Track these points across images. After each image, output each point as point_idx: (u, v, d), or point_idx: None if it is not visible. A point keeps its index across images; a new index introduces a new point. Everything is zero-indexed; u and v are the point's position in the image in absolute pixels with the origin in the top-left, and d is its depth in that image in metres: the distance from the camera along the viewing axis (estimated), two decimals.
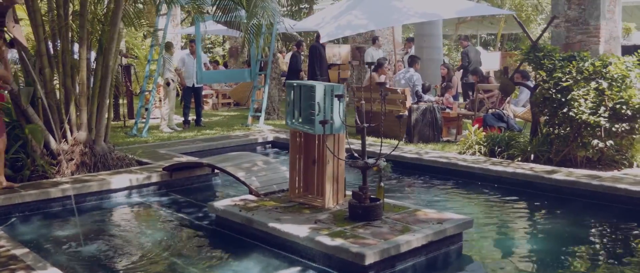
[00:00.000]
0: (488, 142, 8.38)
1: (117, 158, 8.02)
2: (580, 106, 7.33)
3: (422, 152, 8.76)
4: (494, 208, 6.81)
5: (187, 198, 7.25)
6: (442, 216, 5.39)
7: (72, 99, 7.65)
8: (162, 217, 6.59)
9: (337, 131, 5.60)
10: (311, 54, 12.06)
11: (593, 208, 6.53)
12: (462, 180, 7.78)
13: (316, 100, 5.49)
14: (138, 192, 7.33)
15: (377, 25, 11.15)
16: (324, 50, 12.26)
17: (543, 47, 7.91)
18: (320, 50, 12.00)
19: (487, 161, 7.97)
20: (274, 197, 6.15)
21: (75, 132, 7.74)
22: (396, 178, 8.20)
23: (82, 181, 7.06)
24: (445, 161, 8.11)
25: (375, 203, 5.29)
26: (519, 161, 7.86)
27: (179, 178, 7.64)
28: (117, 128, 12.21)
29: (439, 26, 12.67)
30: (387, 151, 8.75)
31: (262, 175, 6.56)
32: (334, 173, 5.74)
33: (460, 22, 23.23)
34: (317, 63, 12.09)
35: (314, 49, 11.96)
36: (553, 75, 7.58)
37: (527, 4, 20.91)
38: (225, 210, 5.77)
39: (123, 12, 8.83)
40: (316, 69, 11.79)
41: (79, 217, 6.50)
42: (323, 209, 5.65)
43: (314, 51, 11.90)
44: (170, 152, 9.00)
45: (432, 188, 7.68)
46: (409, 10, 9.80)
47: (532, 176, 7.20)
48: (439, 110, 9.89)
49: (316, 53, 12.04)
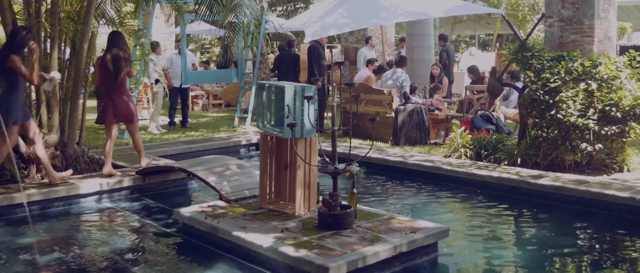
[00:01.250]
0: (474, 145, 8.10)
1: (90, 162, 7.75)
2: (568, 108, 7.05)
3: (407, 155, 8.48)
4: (477, 214, 6.54)
5: (160, 203, 6.98)
6: (417, 225, 5.12)
7: (43, 100, 7.39)
8: (130, 223, 6.32)
9: (308, 135, 5.33)
10: (310, 53, 11.69)
11: (580, 215, 6.25)
12: (446, 184, 7.50)
13: (286, 102, 5.23)
14: (109, 197, 7.07)
15: (362, 24, 10.87)
16: (323, 50, 11.95)
17: (531, 46, 7.62)
18: (319, 49, 11.69)
19: (473, 165, 7.69)
20: (245, 203, 5.89)
21: (46, 135, 7.48)
22: (377, 183, 7.93)
23: (50, 186, 6.80)
24: (429, 165, 7.84)
25: (346, 211, 5.02)
26: (506, 165, 7.58)
27: (152, 182, 7.38)
28: (101, 130, 11.95)
29: (431, 26, 12.40)
30: (375, 154, 8.52)
31: (234, 180, 6.30)
32: (306, 179, 5.47)
33: (456, 21, 22.94)
34: (316, 63, 11.76)
35: (313, 49, 11.66)
36: (541, 76, 7.31)
37: (523, 4, 20.60)
38: (191, 217, 5.51)
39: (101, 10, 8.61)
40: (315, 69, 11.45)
41: (43, 223, 6.26)
42: (293, 217, 5.38)
43: (313, 51, 11.58)
44: (148, 155, 8.72)
45: (415, 193, 7.41)
46: (397, 8, 9.53)
47: (517, 181, 6.92)
48: (426, 111, 9.62)
49: (314, 53, 11.71)
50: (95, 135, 11.24)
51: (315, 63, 10.93)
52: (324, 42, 11.19)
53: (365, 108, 10.21)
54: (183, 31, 11.21)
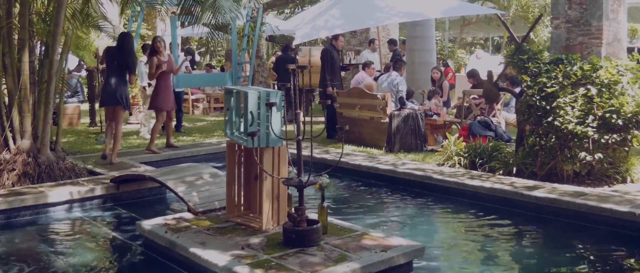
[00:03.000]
0: (469, 153, 7.67)
1: (65, 168, 7.44)
2: (566, 115, 6.59)
3: (398, 163, 8.06)
4: (464, 228, 6.11)
5: (132, 213, 6.64)
6: (390, 242, 4.71)
7: (15, 105, 7.11)
8: (95, 235, 5.98)
9: (273, 144, 4.95)
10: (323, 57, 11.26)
11: (575, 230, 5.80)
12: (437, 195, 7.08)
13: (249, 109, 4.86)
14: (80, 206, 6.75)
15: (355, 25, 10.49)
16: (337, 54, 11.54)
17: (528, 48, 7.17)
18: (332, 53, 11.30)
19: (466, 174, 7.26)
20: (213, 215, 5.53)
21: (18, 140, 7.20)
22: (365, 192, 7.52)
23: (17, 194, 6.50)
24: (420, 174, 7.41)
25: (312, 227, 4.63)
26: (501, 175, 7.14)
27: (127, 190, 7.04)
28: (92, 134, 11.69)
29: (432, 28, 11.97)
30: (366, 162, 8.12)
31: (205, 190, 5.94)
32: (274, 191, 5.09)
33: (465, 23, 22.40)
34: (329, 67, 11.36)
35: (326, 52, 11.25)
36: (537, 81, 6.86)
37: (534, 5, 20.02)
38: (152, 231, 5.16)
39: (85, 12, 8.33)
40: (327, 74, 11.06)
41: (5, 233, 5.95)
42: (260, 231, 5.00)
43: (326, 54, 11.18)
44: (130, 161, 8.41)
45: (403, 205, 7.00)
46: (391, 9, 9.12)
47: (510, 192, 6.47)
48: (422, 117, 9.19)
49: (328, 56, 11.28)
50: (85, 139, 10.97)
51: (328, 67, 10.56)
52: (339, 46, 10.81)
53: (359, 113, 9.81)
54: (174, 34, 10.89)
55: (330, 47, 10.59)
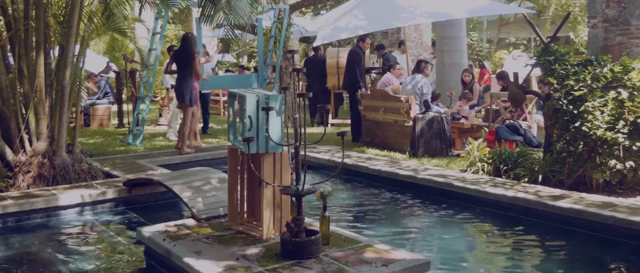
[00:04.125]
0: (493, 158, 7.31)
1: (81, 171, 7.41)
2: (595, 120, 6.19)
3: (419, 169, 7.75)
4: (483, 240, 5.80)
5: (142, 218, 6.55)
6: (393, 256, 4.44)
7: (31, 107, 7.11)
8: (101, 239, 5.90)
9: (273, 150, 4.75)
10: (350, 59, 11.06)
11: (603, 244, 5.41)
12: (457, 203, 6.75)
13: (247, 113, 4.67)
14: (92, 210, 6.70)
15: (378, 26, 10.20)
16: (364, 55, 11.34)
17: (555, 49, 6.78)
18: (360, 55, 11.10)
19: (489, 181, 6.91)
20: (216, 222, 5.37)
21: (34, 143, 7.20)
22: (383, 199, 7.25)
23: (28, 197, 6.48)
24: (440, 180, 7.10)
25: (310, 238, 4.40)
26: (526, 182, 6.77)
27: (140, 194, 6.95)
28: (120, 135, 11.73)
29: (463, 28, 11.56)
30: (386, 167, 7.85)
31: (210, 196, 5.78)
32: (275, 199, 4.89)
33: (503, 24, 21.75)
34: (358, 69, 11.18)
35: (354, 54, 11.06)
36: (564, 83, 6.47)
37: (574, 4, 19.26)
38: (150, 238, 5.02)
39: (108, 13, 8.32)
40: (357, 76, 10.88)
41: (15, 236, 5.94)
42: (260, 241, 4.81)
43: (354, 56, 10.99)
44: (148, 164, 8.35)
45: (420, 213, 6.70)
46: (416, 10, 8.81)
47: (534, 202, 6.11)
48: (447, 120, 8.85)
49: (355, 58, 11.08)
50: (112, 141, 11.00)
51: (357, 69, 10.37)
52: (365, 47, 10.58)
53: (383, 116, 9.53)
54: (199, 35, 10.80)
55: (358, 49, 10.35)
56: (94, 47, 18.38)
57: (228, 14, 6.47)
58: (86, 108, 13.05)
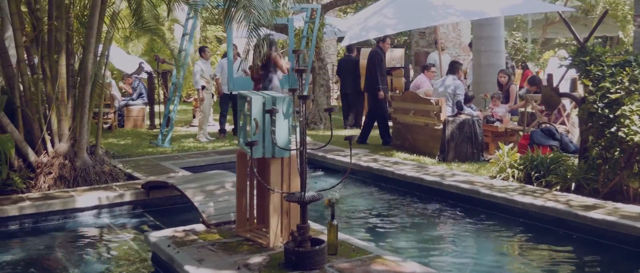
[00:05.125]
0: (525, 164, 6.94)
1: (102, 172, 7.38)
2: (632, 125, 5.77)
3: (447, 174, 7.43)
4: (506, 253, 5.48)
5: (159, 221, 6.46)
6: (403, 268, 4.19)
7: (53, 108, 7.11)
8: (112, 243, 5.82)
9: (280, 155, 4.56)
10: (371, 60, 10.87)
11: (637, 261, 5.02)
12: (483, 211, 6.43)
13: (253, 116, 4.49)
14: (109, 212, 6.64)
15: (409, 25, 9.89)
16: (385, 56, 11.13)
17: (591, 49, 6.37)
18: (381, 55, 10.91)
19: (518, 189, 6.55)
20: (226, 228, 5.21)
21: (57, 144, 7.20)
22: (406, 206, 6.97)
23: (46, 198, 6.47)
24: (467, 187, 6.77)
25: (315, 247, 4.19)
26: (558, 190, 6.39)
27: (158, 197, 6.87)
28: (151, 136, 11.75)
29: (500, 28, 11.13)
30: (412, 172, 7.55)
31: (223, 201, 5.63)
32: (283, 205, 4.69)
33: (548, 23, 21.01)
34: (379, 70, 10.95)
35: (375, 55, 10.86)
36: (600, 85, 6.07)
37: (624, 2, 18.41)
38: (156, 243, 4.90)
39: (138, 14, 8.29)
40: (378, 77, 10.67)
41: (30, 239, 5.92)
42: (266, 249, 4.63)
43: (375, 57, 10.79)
44: (171, 166, 8.27)
45: (444, 221, 6.40)
46: (448, 8, 8.48)
47: (563, 212, 5.74)
48: (479, 123, 8.48)
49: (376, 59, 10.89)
50: (141, 142, 11.01)
51: (379, 70, 10.10)
52: (386, 48, 10.31)
53: (413, 119, 9.23)
54: (229, 36, 10.72)
55: (378, 49, 10.10)
56: (132, 49, 18.61)
57: (248, 14, 6.30)
58: (120, 109, 13.16)
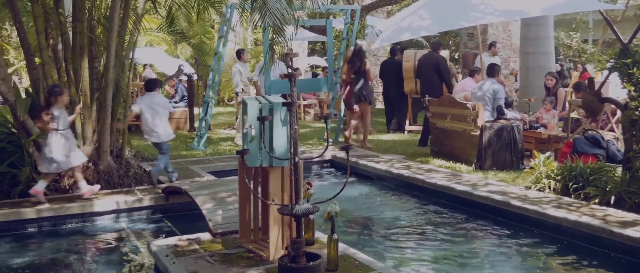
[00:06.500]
0: (563, 175, 6.45)
1: (126, 176, 7.35)
2: None
3: (480, 184, 7.01)
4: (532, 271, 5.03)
5: (176, 227, 6.34)
6: None
7: (78, 112, 7.12)
8: (123, 249, 5.72)
9: (278, 164, 4.32)
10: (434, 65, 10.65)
11: None
12: (514, 224, 5.99)
13: (248, 123, 4.28)
14: (127, 216, 6.58)
15: (444, 26, 9.45)
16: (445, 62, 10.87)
17: (635, 51, 5.84)
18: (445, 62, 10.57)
19: (553, 202, 6.08)
20: (230, 238, 5.02)
21: (81, 146, 7.20)
22: (433, 217, 6.59)
23: (66, 201, 6.46)
24: (498, 198, 6.34)
25: (310, 263, 3.93)
26: (596, 204, 5.88)
27: (177, 202, 6.74)
28: (190, 139, 11.74)
29: (549, 28, 10.52)
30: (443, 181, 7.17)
31: (232, 209, 5.44)
32: (284, 217, 4.45)
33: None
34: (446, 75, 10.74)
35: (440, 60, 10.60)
36: None
37: None
38: (156, 252, 4.75)
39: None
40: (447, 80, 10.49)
41: (45, 241, 5.91)
42: (265, 262, 4.41)
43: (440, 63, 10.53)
44: (199, 170, 8.16)
45: (469, 234, 5.99)
46: (486, 7, 8.02)
47: (597, 228, 5.25)
48: (519, 129, 7.99)
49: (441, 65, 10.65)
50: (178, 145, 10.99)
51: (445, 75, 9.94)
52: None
53: (451, 124, 8.81)
54: (265, 38, 10.55)
55: (439, 56, 9.83)
56: (181, 51, 18.80)
57: (264, 15, 6.10)
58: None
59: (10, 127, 7.22)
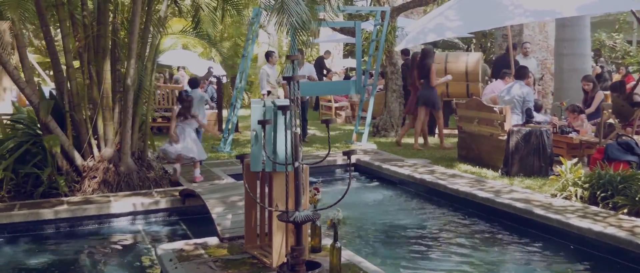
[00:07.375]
0: (591, 182, 6.16)
1: (146, 178, 7.36)
2: None
3: (504, 191, 6.76)
4: None
5: (190, 229, 6.31)
6: None
7: (99, 113, 7.17)
8: (133, 252, 5.71)
9: (281, 169, 4.21)
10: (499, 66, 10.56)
11: None
12: (536, 234, 5.75)
13: (251, 126, 4.19)
14: (144, 218, 6.58)
15: (472, 27, 9.19)
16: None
17: None
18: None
19: (579, 211, 5.81)
20: (237, 243, 4.95)
21: (103, 148, 7.26)
22: (455, 225, 6.39)
23: (83, 203, 6.50)
24: (520, 206, 6.10)
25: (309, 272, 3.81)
26: (624, 214, 5.59)
27: (194, 205, 6.69)
28: (217, 142, 11.73)
29: (586, 29, 10.13)
30: (466, 187, 6.95)
31: (241, 213, 5.35)
32: (288, 223, 4.33)
33: None
34: None
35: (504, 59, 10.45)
36: None
37: None
38: (161, 256, 4.71)
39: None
40: None
41: (60, 243, 5.95)
42: (269, 269, 4.31)
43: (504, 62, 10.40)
44: (220, 172, 8.13)
45: (488, 244, 5.76)
46: (517, 8, 7.74)
47: (623, 240, 4.98)
48: (548, 134, 7.69)
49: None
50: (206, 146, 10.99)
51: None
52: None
53: (478, 128, 8.56)
54: (293, 41, 10.47)
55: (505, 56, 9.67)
56: (215, 53, 18.89)
57: (282, 16, 6.03)
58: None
59: (35, 129, 7.34)
